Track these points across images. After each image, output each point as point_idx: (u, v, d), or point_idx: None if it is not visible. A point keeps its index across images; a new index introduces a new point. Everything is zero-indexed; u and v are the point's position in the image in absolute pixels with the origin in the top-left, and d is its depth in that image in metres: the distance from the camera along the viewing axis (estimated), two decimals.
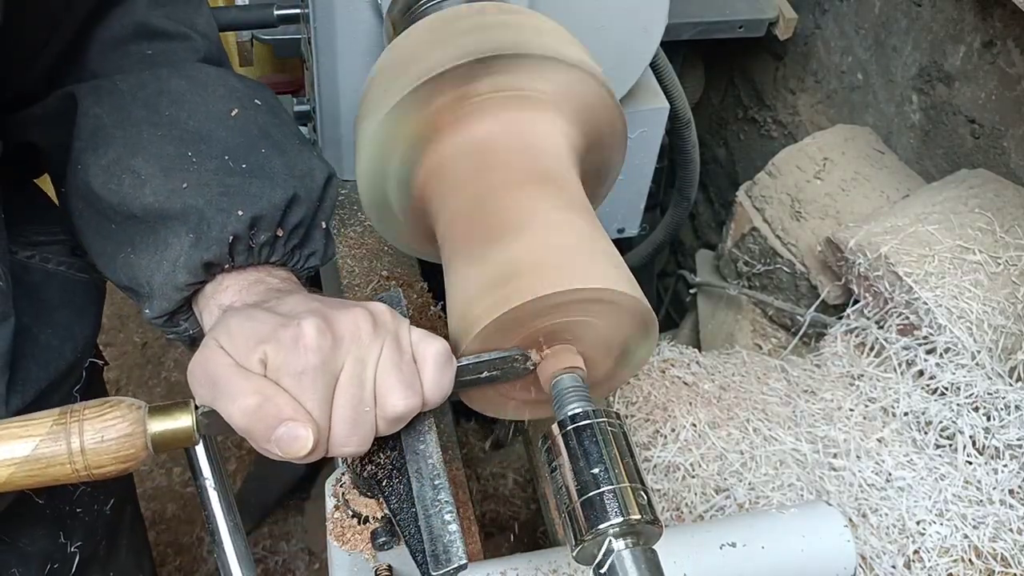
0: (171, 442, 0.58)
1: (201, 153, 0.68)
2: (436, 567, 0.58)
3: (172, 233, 0.66)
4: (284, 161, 0.70)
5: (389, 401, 0.59)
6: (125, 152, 0.67)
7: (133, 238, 0.68)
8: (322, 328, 0.57)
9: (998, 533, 0.93)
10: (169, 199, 0.66)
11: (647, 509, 0.57)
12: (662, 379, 1.09)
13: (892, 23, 1.50)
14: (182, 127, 0.68)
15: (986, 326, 1.07)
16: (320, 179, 0.72)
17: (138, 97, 0.70)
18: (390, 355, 0.59)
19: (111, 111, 0.69)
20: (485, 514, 1.90)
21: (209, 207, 0.65)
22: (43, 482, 0.56)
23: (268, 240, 0.68)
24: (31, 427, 0.56)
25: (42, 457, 0.55)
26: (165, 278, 0.67)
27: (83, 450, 0.55)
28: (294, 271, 0.72)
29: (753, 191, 1.50)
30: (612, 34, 1.12)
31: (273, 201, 0.67)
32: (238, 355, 0.57)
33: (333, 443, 0.58)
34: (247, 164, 0.68)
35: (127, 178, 0.67)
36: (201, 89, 0.71)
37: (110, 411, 0.57)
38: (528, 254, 0.66)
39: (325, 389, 0.57)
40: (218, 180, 0.67)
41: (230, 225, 0.65)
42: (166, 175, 0.66)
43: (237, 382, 0.56)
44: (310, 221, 0.71)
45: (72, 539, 0.86)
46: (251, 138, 0.70)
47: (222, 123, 0.70)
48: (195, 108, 0.70)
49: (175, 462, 2.19)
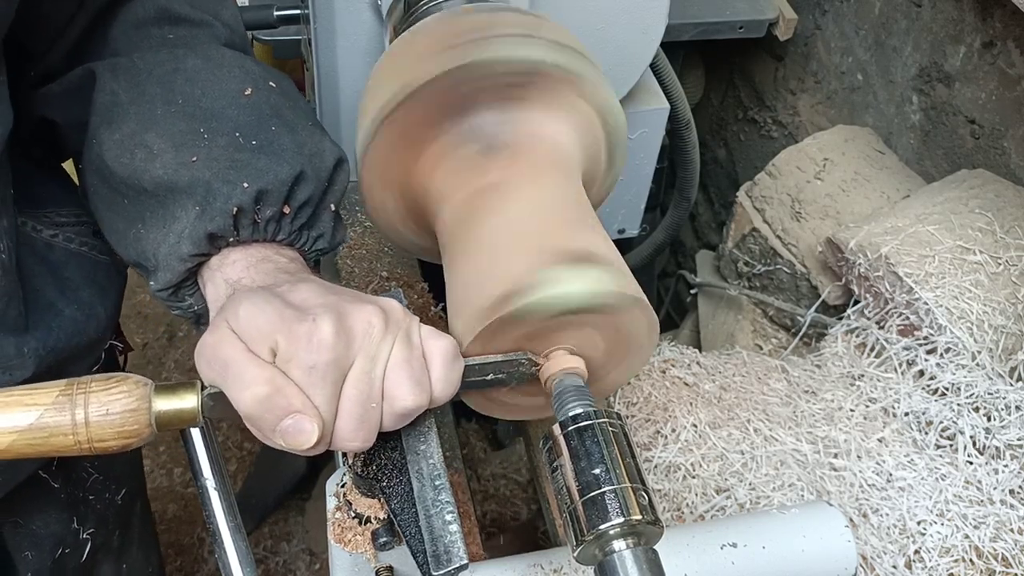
0: (175, 421, 0.58)
1: (213, 130, 0.68)
2: (437, 567, 0.58)
3: (180, 206, 0.67)
4: (294, 139, 0.70)
5: (398, 397, 0.59)
6: (139, 127, 0.68)
7: (144, 213, 0.69)
8: (337, 325, 0.57)
9: (999, 533, 0.93)
10: (178, 172, 0.66)
11: (648, 509, 0.57)
12: (663, 379, 1.09)
13: (892, 24, 1.50)
14: (195, 104, 0.69)
15: (986, 326, 1.07)
16: (330, 160, 0.72)
17: (154, 74, 0.70)
18: (400, 351, 0.59)
19: (127, 87, 0.70)
20: (486, 514, 1.90)
21: (216, 180, 0.66)
22: (44, 452, 0.56)
23: (274, 216, 0.68)
24: (37, 396, 0.56)
25: (45, 427, 0.55)
26: (170, 249, 0.67)
27: (87, 422, 0.55)
28: (302, 252, 0.72)
29: (753, 192, 1.50)
30: (612, 35, 1.12)
31: (280, 176, 0.67)
32: (250, 341, 0.57)
33: (338, 438, 0.59)
34: (257, 141, 0.69)
35: (140, 152, 0.67)
36: (216, 68, 0.71)
37: (116, 385, 0.57)
38: (528, 253, 0.66)
39: (334, 385, 0.57)
40: (227, 155, 0.67)
41: (235, 197, 0.66)
42: (177, 150, 0.67)
43: (249, 369, 0.56)
44: (318, 201, 0.71)
45: (84, 525, 0.87)
46: (263, 117, 0.70)
47: (235, 102, 0.70)
48: (209, 86, 0.70)
49: (176, 462, 2.19)
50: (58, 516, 0.84)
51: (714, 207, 2.15)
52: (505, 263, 0.67)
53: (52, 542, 0.84)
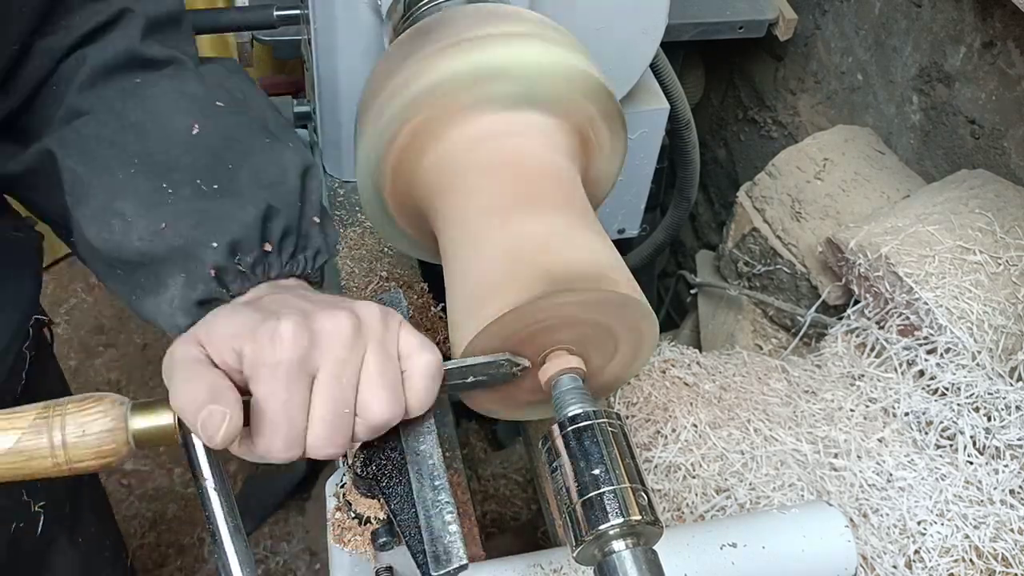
0: (154, 438, 0.58)
1: (174, 182, 0.66)
2: (437, 567, 0.58)
3: (168, 274, 0.66)
4: (251, 170, 0.68)
5: (371, 408, 0.58)
6: (106, 197, 0.66)
7: (138, 281, 0.68)
8: (299, 324, 0.56)
9: (999, 533, 0.93)
10: (154, 243, 0.65)
11: (648, 510, 0.57)
12: (662, 379, 1.09)
13: (892, 24, 1.50)
14: (151, 160, 0.67)
15: (987, 326, 1.07)
16: (294, 178, 0.69)
17: (103, 138, 0.68)
18: (374, 360, 0.58)
19: (81, 160, 0.68)
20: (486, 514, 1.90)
21: (189, 244, 0.65)
22: (24, 475, 0.56)
23: (258, 259, 0.66)
24: (14, 420, 0.56)
25: (24, 450, 0.55)
26: (167, 321, 0.67)
27: (64, 444, 0.55)
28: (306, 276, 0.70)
29: (753, 192, 1.50)
30: (612, 35, 1.12)
31: (245, 220, 0.65)
32: (213, 350, 0.57)
33: (311, 444, 0.58)
34: (218, 184, 0.67)
35: (116, 223, 0.66)
36: (158, 112, 0.69)
37: (92, 406, 0.57)
38: (528, 253, 0.66)
39: (301, 386, 0.56)
40: (192, 209, 0.66)
41: (209, 258, 0.64)
42: (148, 212, 0.65)
43: (192, 370, 0.56)
44: (298, 224, 0.69)
45: (35, 498, 0.86)
46: (216, 153, 0.68)
47: (186, 146, 0.68)
48: (158, 137, 0.68)
49: (176, 463, 2.19)
50: (7, 490, 0.83)
51: (714, 207, 2.15)
52: (504, 263, 0.67)
53: (5, 516, 0.83)
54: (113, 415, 0.57)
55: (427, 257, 0.89)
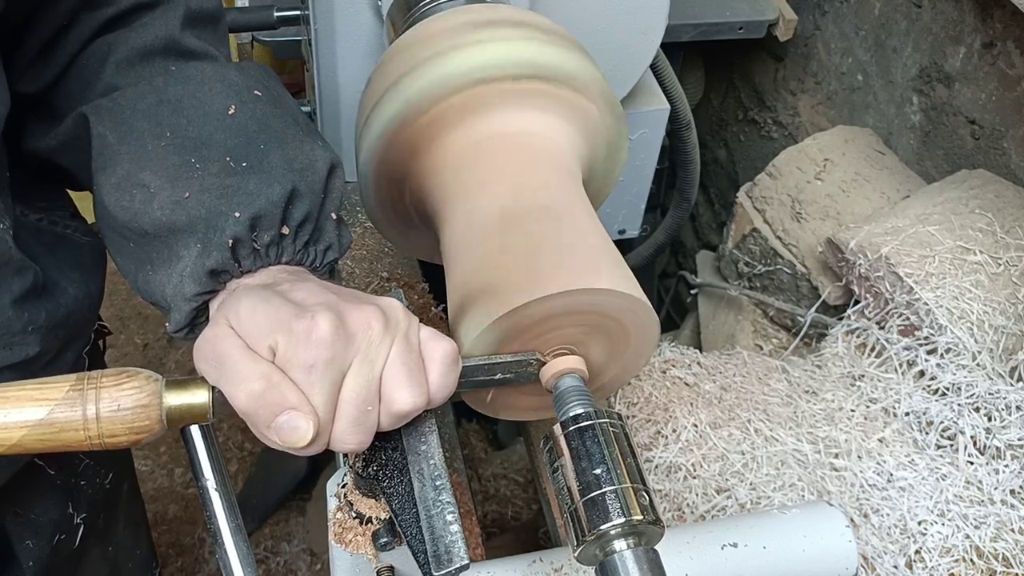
0: (186, 416, 0.58)
1: (204, 158, 0.67)
2: (438, 567, 0.58)
3: (183, 245, 0.66)
4: (283, 154, 0.69)
5: (396, 398, 0.59)
6: (133, 167, 0.67)
7: (150, 255, 0.68)
8: (336, 324, 0.57)
9: (999, 533, 0.93)
10: (175, 212, 0.66)
11: (649, 510, 0.57)
12: (663, 380, 1.09)
13: (892, 24, 1.51)
14: (183, 135, 0.68)
15: (987, 326, 1.07)
16: (323, 169, 0.70)
17: (138, 110, 0.69)
18: (399, 353, 0.59)
19: (114, 128, 0.69)
20: (487, 514, 1.90)
21: (211, 214, 0.65)
22: (54, 447, 0.55)
23: (274, 239, 0.67)
24: (47, 390, 0.55)
25: (56, 422, 0.54)
26: (175, 290, 0.66)
27: (98, 417, 0.55)
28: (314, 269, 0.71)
29: (754, 192, 1.50)
30: (612, 36, 1.12)
31: (271, 198, 0.66)
32: (249, 338, 0.57)
33: (335, 438, 0.59)
34: (247, 162, 0.67)
35: (138, 193, 0.66)
36: (198, 90, 0.70)
37: (128, 380, 0.56)
38: (529, 254, 0.66)
39: (332, 385, 0.57)
40: (218, 183, 0.66)
41: (228, 228, 0.65)
42: (173, 185, 0.66)
43: (245, 364, 0.56)
44: (317, 214, 0.70)
45: (79, 510, 0.87)
46: (250, 135, 0.69)
47: (221, 124, 0.69)
48: (194, 113, 0.69)
49: (176, 463, 2.19)
50: (56, 502, 0.84)
51: (714, 207, 2.15)
52: (506, 263, 0.67)
53: (51, 529, 0.84)
54: (148, 390, 0.57)
55: (428, 257, 0.89)
